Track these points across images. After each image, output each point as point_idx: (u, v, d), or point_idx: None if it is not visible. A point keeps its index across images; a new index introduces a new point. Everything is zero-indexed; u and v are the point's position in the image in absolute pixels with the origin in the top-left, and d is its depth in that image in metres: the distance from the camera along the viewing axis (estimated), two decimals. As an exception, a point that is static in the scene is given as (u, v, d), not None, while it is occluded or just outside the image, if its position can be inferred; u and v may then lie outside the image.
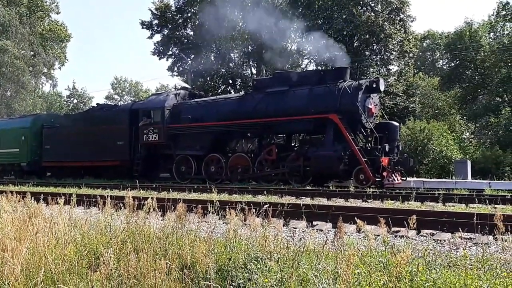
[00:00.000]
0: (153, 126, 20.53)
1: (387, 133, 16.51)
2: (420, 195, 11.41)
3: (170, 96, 21.05)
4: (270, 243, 3.72)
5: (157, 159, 21.24)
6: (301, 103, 16.95)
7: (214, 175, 19.04)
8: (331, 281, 2.81)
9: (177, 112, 20.28)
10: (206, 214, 7.12)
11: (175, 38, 39.01)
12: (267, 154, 17.76)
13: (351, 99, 16.08)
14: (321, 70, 23.25)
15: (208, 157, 19.18)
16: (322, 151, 16.25)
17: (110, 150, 21.89)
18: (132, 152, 21.53)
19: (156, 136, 20.38)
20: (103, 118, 22.93)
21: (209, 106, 19.70)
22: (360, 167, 15.43)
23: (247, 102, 18.49)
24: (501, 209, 9.11)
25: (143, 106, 21.78)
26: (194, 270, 3.60)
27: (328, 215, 7.68)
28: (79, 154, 23.15)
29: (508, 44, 31.95)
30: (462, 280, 3.08)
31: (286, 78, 18.18)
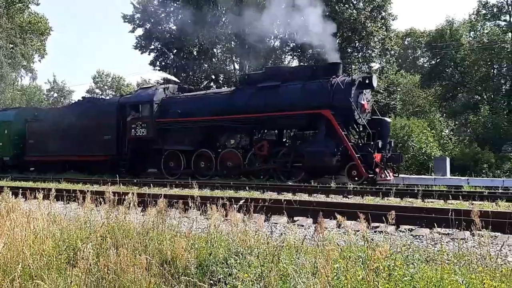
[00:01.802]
0: (142, 120, 20.24)
1: (379, 129, 16.46)
2: (400, 191, 11.56)
3: (159, 90, 20.74)
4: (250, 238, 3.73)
5: (145, 154, 20.92)
6: (293, 98, 16.79)
7: (204, 170, 18.84)
8: (310, 275, 2.83)
9: (166, 106, 19.98)
10: (187, 210, 7.11)
11: (157, 32, 38.65)
12: (258, 150, 17.58)
13: (344, 95, 15.96)
14: (313, 65, 23.03)
15: (197, 152, 18.96)
16: (315, 147, 16.10)
17: (97, 144, 21.48)
18: (120, 147, 21.19)
19: (145, 131, 20.12)
20: (90, 112, 22.46)
21: (199, 101, 19.44)
22: (352, 163, 15.41)
23: (238, 97, 18.27)
24: (479, 205, 9.28)
25: (131, 100, 21.43)
26: (174, 265, 3.60)
27: (309, 210, 7.74)
28: (64, 148, 22.72)
29: (487, 43, 32.46)
30: (438, 275, 3.13)
31: (278, 73, 18.07)
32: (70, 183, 15.99)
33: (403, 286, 2.86)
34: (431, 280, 3.06)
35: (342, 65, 18.22)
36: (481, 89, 33.84)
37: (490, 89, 33.20)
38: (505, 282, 3.09)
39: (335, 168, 15.79)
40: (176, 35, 38.08)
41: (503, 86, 33.27)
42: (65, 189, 11.04)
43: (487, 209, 6.87)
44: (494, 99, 32.45)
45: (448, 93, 37.09)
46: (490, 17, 34.50)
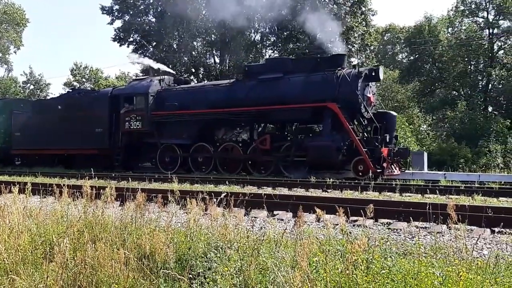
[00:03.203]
0: (136, 113, 19.62)
1: (385, 123, 15.96)
2: (378, 185, 11.70)
3: (154, 82, 20.09)
4: (230, 232, 3.73)
5: (139, 148, 20.40)
6: (296, 91, 16.27)
7: (202, 165, 18.42)
8: (289, 269, 2.84)
9: (161, 98, 19.39)
10: (166, 204, 7.07)
11: (136, 24, 38.22)
12: (260, 144, 17.10)
13: (351, 87, 15.50)
14: (317, 57, 22.52)
15: (195, 146, 18.49)
16: (320, 140, 15.64)
17: (88, 137, 20.81)
18: (112, 140, 20.58)
19: (139, 124, 19.52)
20: (80, 104, 21.78)
21: (197, 93, 18.88)
22: (359, 158, 14.99)
23: (238, 89, 17.72)
24: (455, 199, 9.43)
25: (125, 92, 20.76)
26: (153, 259, 3.57)
27: (289, 204, 7.77)
28: (52, 141, 22.00)
29: (465, 39, 32.93)
30: (416, 268, 3.18)
31: (280, 65, 17.47)
32: (47, 177, 15.74)
33: (381, 279, 2.89)
34: (409, 272, 3.10)
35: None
36: (459, 85, 34.35)
37: (467, 85, 33.73)
38: (481, 275, 3.15)
39: (340, 162, 15.34)
40: (156, 28, 37.74)
41: (479, 82, 33.81)
42: (41, 183, 10.86)
43: (463, 203, 6.99)
44: (471, 95, 32.98)
45: (427, 89, 37.55)
46: (468, 14, 34.98)
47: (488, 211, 6.51)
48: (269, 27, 36.13)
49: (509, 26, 33.62)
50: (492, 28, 33.79)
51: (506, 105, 32.17)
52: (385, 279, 2.93)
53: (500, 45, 34.44)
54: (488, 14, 34.16)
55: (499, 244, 5.37)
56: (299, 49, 33.12)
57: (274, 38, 36.82)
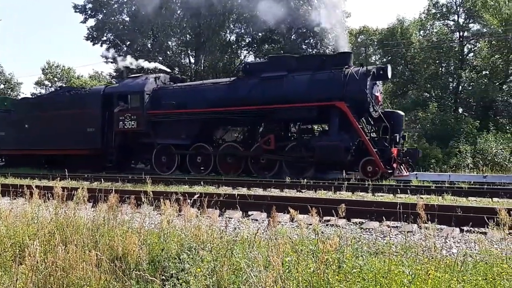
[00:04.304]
0: (131, 112, 18.88)
1: (392, 122, 15.59)
2: (352, 186, 11.81)
3: (150, 80, 19.32)
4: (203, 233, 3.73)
5: (134, 148, 19.73)
6: (302, 89, 15.71)
7: (201, 166, 17.85)
8: (262, 269, 2.86)
9: (157, 97, 18.69)
10: (140, 205, 7.01)
11: (110, 23, 37.78)
12: (264, 144, 16.50)
13: (359, 86, 15.02)
14: (322, 55, 21.73)
15: (194, 146, 17.85)
16: (328, 140, 15.12)
17: (79, 137, 19.94)
18: (105, 140, 19.78)
19: (134, 123, 18.79)
20: (70, 102, 20.86)
21: (196, 92, 18.20)
22: (368, 158, 14.65)
23: (240, 88, 17.07)
24: (426, 199, 9.62)
25: (118, 90, 19.95)
26: (126, 261, 3.55)
27: (263, 205, 7.81)
28: (40, 141, 21.07)
29: (436, 42, 33.56)
30: (386, 266, 3.24)
31: (283, 63, 16.86)
32: (17, 178, 15.42)
33: (352, 278, 2.94)
34: (379, 271, 3.16)
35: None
36: (430, 87, 34.94)
37: (438, 86, 34.32)
38: (448, 273, 3.23)
39: (349, 163, 14.90)
40: (130, 27, 37.38)
41: (450, 84, 34.46)
42: (11, 184, 10.64)
43: (433, 203, 7.13)
44: (442, 96, 33.58)
45: (399, 90, 38.08)
46: (439, 17, 35.64)
47: (458, 211, 6.67)
48: (245, 28, 36.20)
49: (479, 30, 34.42)
50: (462, 31, 34.54)
51: (476, 106, 32.90)
52: (356, 278, 2.98)
53: (470, 47, 35.22)
54: (459, 17, 34.89)
55: (467, 242, 5.50)
56: (274, 50, 33.26)
57: (250, 39, 36.91)
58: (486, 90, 30.01)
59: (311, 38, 33.30)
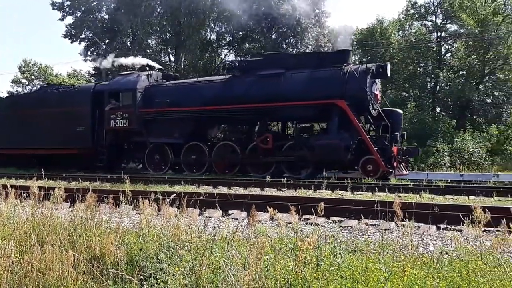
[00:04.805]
0: (122, 110, 18.46)
1: (391, 121, 15.43)
2: (331, 184, 11.89)
3: (142, 77, 18.96)
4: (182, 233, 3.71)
5: (124, 147, 19.42)
6: (300, 87, 15.51)
7: (196, 165, 17.53)
8: (241, 268, 2.87)
9: (150, 95, 18.35)
10: (118, 205, 6.95)
11: (88, 21, 37.35)
12: (261, 143, 16.27)
13: (359, 84, 14.91)
14: (320, 52, 21.39)
15: (188, 145, 17.55)
16: (327, 139, 14.99)
17: (68, 136, 19.46)
18: (96, 139, 19.36)
19: (126, 122, 18.39)
20: (59, 100, 20.33)
21: (190, 89, 17.86)
22: (368, 157, 14.56)
23: (236, 86, 16.78)
24: (404, 197, 9.76)
25: (109, 88, 19.48)
26: (103, 261, 3.51)
27: (243, 204, 7.81)
28: (29, 141, 20.51)
29: (415, 42, 34.01)
30: (364, 264, 3.27)
31: (281, 60, 16.67)
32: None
33: (330, 276, 2.97)
34: (357, 269, 3.19)
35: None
36: (408, 86, 35.39)
37: (417, 86, 34.78)
38: (424, 270, 3.28)
39: (349, 162, 14.84)
40: (109, 25, 37.01)
41: (428, 84, 34.97)
42: (-14, 184, 10.42)
43: (411, 201, 7.23)
44: (420, 96, 34.06)
45: (378, 90, 38.49)
46: (417, 17, 36.13)
47: (435, 209, 6.77)
48: (225, 27, 36.15)
49: (456, 30, 34.99)
50: (440, 31, 35.06)
51: (453, 106, 33.45)
52: (334, 276, 3.01)
53: (448, 48, 35.78)
54: (437, 18, 35.42)
55: (444, 240, 5.58)
56: (254, 49, 33.28)
57: (230, 38, 36.88)
58: (463, 90, 30.55)
59: (291, 38, 33.41)
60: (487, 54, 31.88)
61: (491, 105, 33.84)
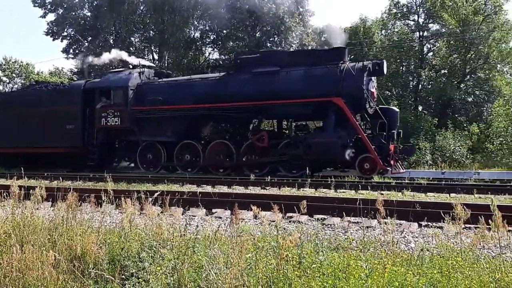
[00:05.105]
0: (114, 108, 18.04)
1: (387, 119, 15.27)
2: (315, 182, 11.94)
3: (134, 75, 18.52)
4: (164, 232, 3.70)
5: (116, 146, 19.00)
6: (296, 85, 15.29)
7: (189, 164, 17.22)
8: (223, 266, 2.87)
9: (142, 92, 17.95)
10: (101, 204, 6.89)
11: (70, 18, 36.92)
12: (257, 141, 16.01)
13: (356, 82, 14.77)
14: (316, 50, 21.12)
15: (181, 144, 17.22)
16: (325, 137, 14.74)
17: (58, 135, 18.92)
18: (86, 138, 18.90)
19: (118, 120, 17.95)
20: (48, 98, 19.77)
21: (183, 87, 17.52)
22: (365, 155, 14.44)
23: (230, 83, 16.47)
24: (386, 194, 9.85)
25: (100, 85, 18.99)
26: (84, 261, 3.48)
27: (227, 202, 7.81)
28: (16, 140, 19.91)
29: (397, 41, 34.32)
30: (345, 261, 3.30)
31: (276, 58, 16.49)
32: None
33: (311, 273, 2.98)
34: (338, 266, 3.22)
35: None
36: (391, 85, 35.70)
37: (399, 85, 35.10)
38: (405, 266, 3.32)
39: (346, 160, 14.57)
40: (91, 22, 36.64)
41: (410, 82, 35.32)
42: (-34, 184, 10.26)
43: (393, 199, 7.30)
44: (402, 94, 34.38)
45: (362, 88, 38.76)
46: (400, 17, 36.45)
47: (416, 206, 6.85)
48: (209, 25, 36.05)
49: (438, 29, 35.39)
50: (422, 31, 35.43)
51: (435, 104, 33.84)
52: (316, 273, 3.03)
53: (430, 47, 36.18)
54: (419, 17, 35.78)
55: (425, 237, 5.65)
56: (238, 47, 33.26)
57: (214, 36, 36.79)
58: (444, 89, 30.93)
59: (275, 36, 33.45)
60: (468, 54, 32.31)
61: (472, 103, 34.34)
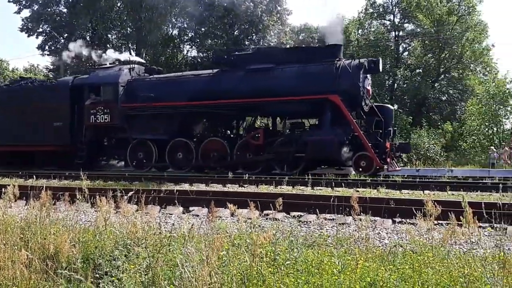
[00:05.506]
0: (103, 105, 17.57)
1: (383, 116, 15.19)
2: (292, 180, 12.01)
3: (124, 71, 18.08)
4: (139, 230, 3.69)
5: (105, 144, 18.59)
6: (292, 82, 15.05)
7: (181, 162, 16.90)
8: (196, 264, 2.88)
9: (133, 89, 17.51)
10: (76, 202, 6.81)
11: (46, 14, 36.27)
12: (252, 139, 15.85)
13: (352, 79, 14.64)
14: (311, 47, 20.72)
15: (173, 142, 16.84)
16: (321, 135, 14.60)
17: (45, 132, 18.46)
18: (74, 135, 18.42)
19: (108, 117, 17.52)
20: (34, 95, 19.21)
21: (176, 84, 17.13)
22: (362, 153, 14.35)
23: (225, 80, 16.17)
24: (362, 192, 9.97)
25: (89, 81, 18.44)
26: (58, 260, 3.45)
27: (204, 200, 7.80)
28: (0, 137, 19.41)
29: (373, 40, 34.73)
30: (319, 258, 3.35)
31: (270, 54, 16.23)
32: None
33: (285, 270, 3.02)
34: (312, 262, 3.26)
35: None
36: (368, 84, 36.15)
37: (375, 84, 35.53)
38: (377, 262, 3.38)
39: (343, 158, 14.45)
40: (67, 19, 36.07)
41: (386, 81, 35.80)
42: None
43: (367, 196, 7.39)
44: (378, 93, 34.81)
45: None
46: (376, 16, 36.90)
47: (391, 203, 6.95)
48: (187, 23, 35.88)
49: (413, 29, 35.93)
50: (398, 30, 35.94)
51: (410, 103, 34.39)
52: (290, 270, 3.06)
53: (405, 47, 36.73)
54: (395, 17, 36.30)
55: (399, 233, 5.74)
56: (217, 45, 33.18)
57: (192, 34, 36.62)
58: (419, 88, 31.44)
59: (253, 34, 33.48)
60: (442, 53, 32.89)
61: (446, 102, 34.99)
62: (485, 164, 22.20)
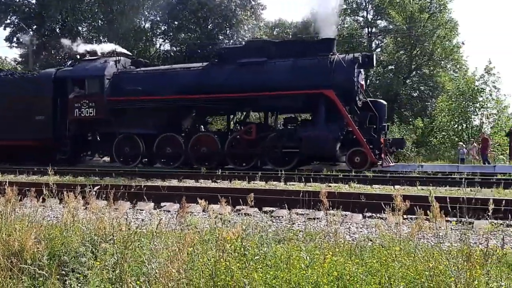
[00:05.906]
0: (88, 98, 17.13)
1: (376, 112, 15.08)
2: (265, 175, 12.05)
3: (110, 63, 17.67)
4: (107, 226, 3.64)
5: (90, 138, 18.22)
6: (285, 76, 14.85)
7: (171, 157, 16.64)
8: (163, 260, 2.86)
9: (119, 82, 17.16)
10: (44, 199, 6.68)
11: (14, 5, 35.32)
12: (244, 134, 15.63)
13: (346, 74, 14.47)
14: (304, 41, 20.47)
15: (162, 136, 16.53)
16: (316, 131, 14.37)
17: (25, 127, 17.89)
18: (57, 130, 17.96)
19: (93, 111, 17.08)
20: (14, 87, 18.60)
21: (164, 77, 16.80)
22: (356, 149, 14.24)
23: (215, 74, 15.90)
24: (334, 187, 10.07)
25: (73, 74, 17.97)
26: (22, 257, 3.37)
27: (176, 196, 7.75)
28: None
29: (347, 36, 35.01)
30: (288, 252, 3.37)
31: (262, 48, 15.86)
32: None
33: (254, 265, 3.02)
34: (281, 257, 3.28)
35: (212, 52, 17.08)
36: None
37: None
38: (345, 256, 3.42)
39: (337, 153, 14.35)
40: (36, 10, 35.21)
41: (359, 77, 36.23)
42: None
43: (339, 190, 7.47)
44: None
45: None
46: (350, 13, 37.20)
47: (361, 198, 7.05)
48: (160, 16, 35.48)
49: (386, 26, 36.38)
50: (371, 27, 36.33)
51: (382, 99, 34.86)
52: (258, 265, 3.07)
53: (378, 43, 37.18)
54: (368, 13, 36.67)
55: (369, 227, 5.83)
56: (190, 39, 32.94)
57: (165, 27, 36.25)
58: (391, 84, 31.88)
59: (227, 29, 33.36)
60: (414, 50, 33.42)
61: (417, 98, 35.61)
62: (455, 159, 22.69)
